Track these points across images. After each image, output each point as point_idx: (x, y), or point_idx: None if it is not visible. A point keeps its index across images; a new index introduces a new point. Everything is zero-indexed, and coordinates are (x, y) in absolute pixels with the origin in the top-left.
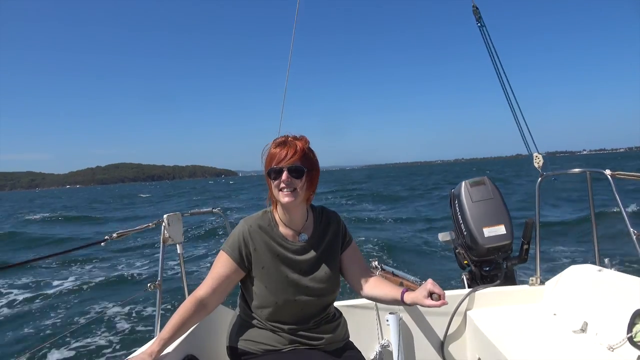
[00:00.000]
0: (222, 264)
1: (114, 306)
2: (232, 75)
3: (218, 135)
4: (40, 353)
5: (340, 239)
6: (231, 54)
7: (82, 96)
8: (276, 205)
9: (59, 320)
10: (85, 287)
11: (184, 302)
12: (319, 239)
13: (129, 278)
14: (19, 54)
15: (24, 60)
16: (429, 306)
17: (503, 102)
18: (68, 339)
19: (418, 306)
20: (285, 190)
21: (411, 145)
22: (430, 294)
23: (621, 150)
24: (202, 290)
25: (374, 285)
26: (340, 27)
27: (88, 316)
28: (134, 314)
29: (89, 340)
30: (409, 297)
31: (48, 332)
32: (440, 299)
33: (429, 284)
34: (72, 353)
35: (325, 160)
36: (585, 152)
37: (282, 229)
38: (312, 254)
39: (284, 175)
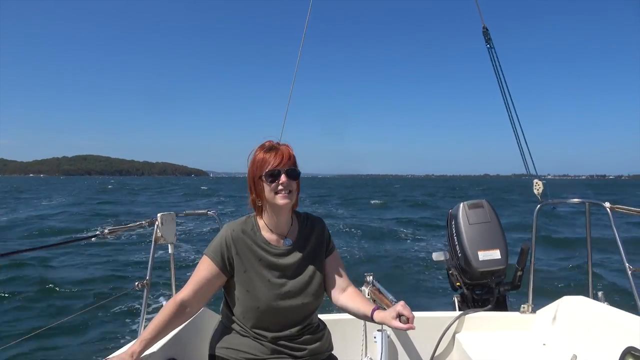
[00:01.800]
0: (204, 268)
1: (100, 303)
2: (212, 78)
3: (191, 135)
4: (20, 348)
5: (325, 245)
6: (211, 57)
7: (50, 83)
8: (260, 210)
9: (42, 316)
10: (71, 281)
11: (165, 304)
12: (303, 244)
13: (118, 275)
14: None
15: None
16: (395, 327)
17: (480, 123)
18: (50, 335)
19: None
20: (283, 192)
21: (383, 158)
22: (399, 316)
23: (583, 177)
24: (184, 293)
25: (350, 298)
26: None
27: (73, 313)
28: (120, 312)
29: (72, 337)
30: (378, 316)
31: (29, 327)
32: (408, 322)
33: (399, 306)
34: (55, 350)
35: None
36: (549, 177)
37: (266, 234)
38: (296, 258)
39: (283, 178)
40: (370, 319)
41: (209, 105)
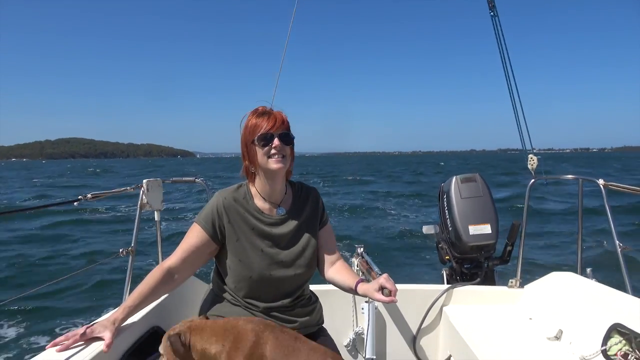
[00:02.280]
0: (194, 236)
1: (83, 269)
2: (198, 58)
3: (177, 116)
4: (3, 312)
5: (319, 215)
6: (197, 36)
7: (32, 65)
8: (253, 178)
9: (24, 280)
10: (56, 247)
11: (152, 271)
12: (297, 213)
13: (103, 243)
14: None
15: None
16: (377, 300)
17: (466, 99)
18: (32, 301)
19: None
20: (276, 156)
21: (369, 136)
22: (382, 289)
23: (567, 150)
24: (172, 260)
25: (337, 271)
26: (323, 19)
27: (54, 279)
28: (104, 280)
29: (54, 303)
30: (361, 288)
31: (12, 291)
32: (390, 295)
33: (382, 279)
34: (38, 314)
35: None
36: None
37: (259, 202)
38: (289, 227)
39: (276, 141)
40: (354, 291)
41: (195, 85)
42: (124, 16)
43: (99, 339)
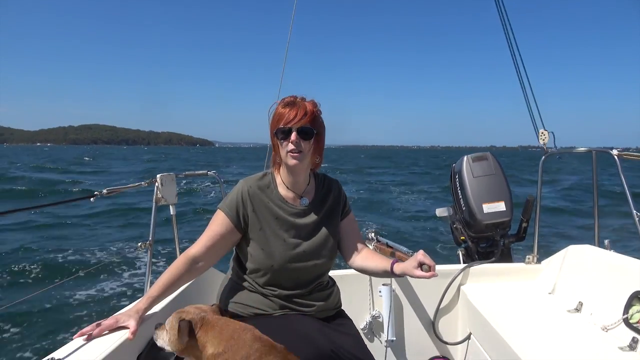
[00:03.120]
0: (218, 223)
1: (103, 264)
2: (216, 47)
3: (197, 104)
4: (24, 306)
5: (341, 207)
6: (214, 25)
7: (56, 51)
8: (279, 167)
9: (45, 274)
10: (74, 243)
11: (175, 261)
12: (319, 205)
13: (121, 237)
14: None
15: None
16: (418, 277)
17: (490, 94)
18: (54, 294)
19: (411, 279)
20: (293, 152)
21: (387, 129)
22: (421, 265)
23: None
24: (196, 248)
25: (366, 258)
26: (335, 9)
27: (75, 274)
28: (124, 273)
29: (77, 296)
30: (398, 267)
31: (31, 285)
32: (430, 270)
33: (420, 255)
34: (60, 308)
35: None
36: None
37: (283, 192)
38: (312, 218)
39: (293, 137)
40: (390, 273)
41: (217, 75)
42: (150, 1)
43: (124, 327)
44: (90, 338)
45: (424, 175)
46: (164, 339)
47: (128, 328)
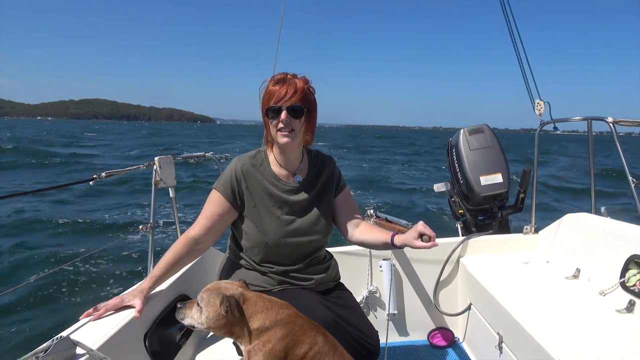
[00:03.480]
0: (214, 203)
1: (106, 247)
2: (216, 22)
3: (198, 81)
4: (27, 289)
5: (334, 183)
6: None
7: (56, 24)
8: (272, 144)
9: (49, 258)
10: (76, 226)
11: (175, 242)
12: (312, 181)
13: (122, 220)
14: None
15: None
16: (419, 247)
17: (492, 76)
18: (59, 275)
19: (410, 254)
20: (283, 130)
21: (390, 109)
22: (421, 236)
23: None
24: (195, 229)
25: (364, 231)
26: None
27: (79, 256)
28: (126, 255)
29: (81, 278)
30: (399, 239)
31: (35, 268)
32: (430, 241)
33: (420, 226)
34: (64, 290)
35: None
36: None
37: (276, 169)
38: (305, 195)
39: (283, 115)
40: (391, 245)
41: (219, 52)
42: None
43: (129, 307)
44: (96, 318)
45: (425, 154)
46: (195, 317)
47: (134, 307)
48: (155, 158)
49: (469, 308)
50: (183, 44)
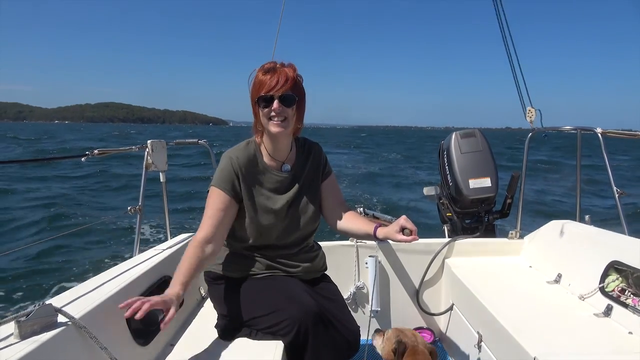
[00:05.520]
0: (215, 200)
1: (91, 224)
2: (229, 20)
3: (211, 82)
4: (11, 262)
5: (321, 169)
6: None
7: (72, 28)
8: (261, 135)
9: (36, 234)
10: (65, 203)
11: (187, 249)
12: (301, 169)
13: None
14: None
15: None
16: (399, 240)
17: (496, 76)
18: (42, 253)
19: (397, 250)
20: (275, 119)
21: (402, 110)
22: (403, 229)
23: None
24: (202, 231)
25: (348, 219)
26: None
27: (65, 231)
28: (112, 237)
29: (67, 257)
30: (381, 232)
31: (17, 243)
32: (411, 234)
33: (402, 220)
34: (48, 266)
35: (312, 116)
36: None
37: (266, 159)
38: (294, 184)
39: (275, 104)
40: (373, 237)
41: (232, 52)
42: None
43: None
44: (132, 312)
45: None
46: (378, 344)
47: (166, 313)
48: (148, 141)
49: (451, 308)
50: (198, 47)
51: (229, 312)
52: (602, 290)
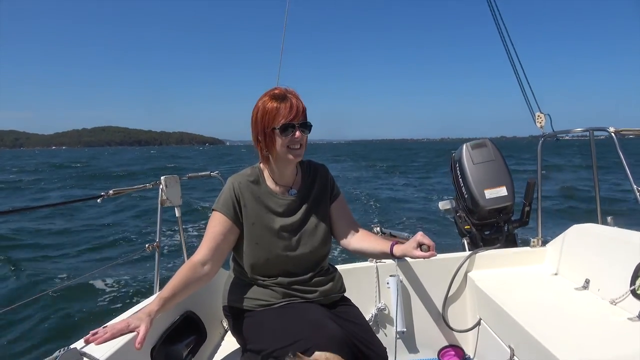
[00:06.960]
0: (216, 224)
1: (111, 266)
2: (227, 47)
3: (208, 104)
4: (30, 309)
5: (328, 192)
6: (221, 25)
7: (65, 55)
8: (267, 160)
9: (55, 278)
10: (81, 245)
11: (180, 268)
12: (307, 192)
13: (127, 240)
14: None
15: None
16: (417, 257)
17: (489, 85)
18: (65, 295)
19: (417, 269)
20: (295, 147)
21: (395, 123)
22: (420, 246)
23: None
24: (200, 254)
25: (362, 239)
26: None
27: (83, 275)
28: (131, 275)
29: (86, 299)
30: (398, 249)
31: (41, 287)
32: (429, 250)
33: (419, 236)
34: (70, 310)
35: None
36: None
37: (271, 185)
38: (301, 208)
39: (298, 133)
40: (390, 255)
41: (228, 73)
42: (156, 3)
43: (134, 331)
44: (101, 342)
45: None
46: None
47: (138, 332)
48: (162, 177)
49: (478, 323)
50: (192, 68)
51: (252, 345)
52: (634, 292)
